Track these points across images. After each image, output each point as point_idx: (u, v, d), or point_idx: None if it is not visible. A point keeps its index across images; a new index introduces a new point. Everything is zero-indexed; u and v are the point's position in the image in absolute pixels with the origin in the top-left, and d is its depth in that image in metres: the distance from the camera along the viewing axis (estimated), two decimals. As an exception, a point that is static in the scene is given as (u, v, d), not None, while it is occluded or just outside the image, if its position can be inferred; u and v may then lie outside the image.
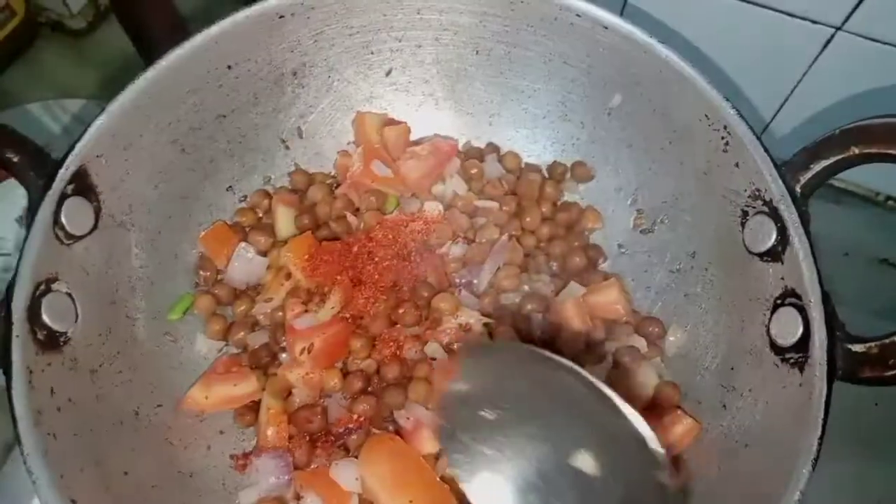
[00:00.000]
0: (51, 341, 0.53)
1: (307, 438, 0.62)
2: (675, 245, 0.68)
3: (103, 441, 0.55)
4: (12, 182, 0.73)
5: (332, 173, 0.75)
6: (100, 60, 0.93)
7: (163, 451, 0.61)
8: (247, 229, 0.71)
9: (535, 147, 0.76)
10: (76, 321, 0.56)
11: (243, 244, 0.69)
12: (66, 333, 0.55)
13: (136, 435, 0.59)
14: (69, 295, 0.56)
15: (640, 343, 0.65)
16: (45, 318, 0.53)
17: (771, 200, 0.55)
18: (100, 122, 0.58)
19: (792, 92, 0.78)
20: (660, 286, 0.69)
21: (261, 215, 0.72)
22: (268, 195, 0.73)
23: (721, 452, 0.58)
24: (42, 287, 0.53)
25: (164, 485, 0.59)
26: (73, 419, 0.53)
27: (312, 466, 0.61)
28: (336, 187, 0.73)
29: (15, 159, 0.55)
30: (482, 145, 0.76)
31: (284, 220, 0.70)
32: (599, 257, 0.71)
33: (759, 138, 0.57)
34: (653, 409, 0.63)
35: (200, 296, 0.68)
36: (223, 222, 0.71)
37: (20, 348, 0.50)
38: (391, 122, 0.74)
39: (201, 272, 0.70)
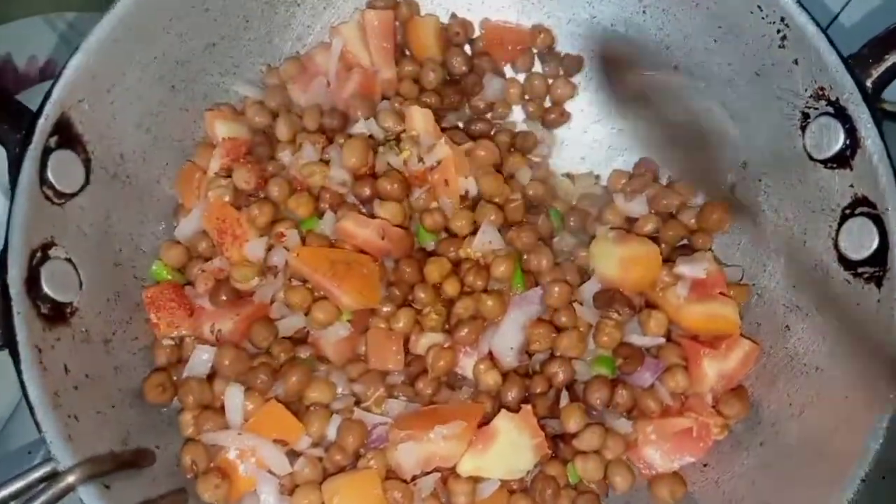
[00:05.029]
0: (56, 314, 0.49)
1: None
2: (722, 155, 0.63)
3: (128, 415, 0.52)
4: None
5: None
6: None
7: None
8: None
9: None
10: (81, 288, 0.52)
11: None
12: (71, 304, 0.51)
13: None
14: (69, 260, 0.51)
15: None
16: (47, 288, 0.49)
17: (837, 100, 0.51)
18: (75, 62, 0.52)
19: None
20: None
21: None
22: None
23: (788, 378, 0.55)
24: (38, 255, 0.49)
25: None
26: (93, 396, 0.50)
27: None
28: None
29: (-16, 113, 0.48)
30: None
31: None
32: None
33: (822, 30, 0.52)
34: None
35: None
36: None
37: (24, 326, 0.46)
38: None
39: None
